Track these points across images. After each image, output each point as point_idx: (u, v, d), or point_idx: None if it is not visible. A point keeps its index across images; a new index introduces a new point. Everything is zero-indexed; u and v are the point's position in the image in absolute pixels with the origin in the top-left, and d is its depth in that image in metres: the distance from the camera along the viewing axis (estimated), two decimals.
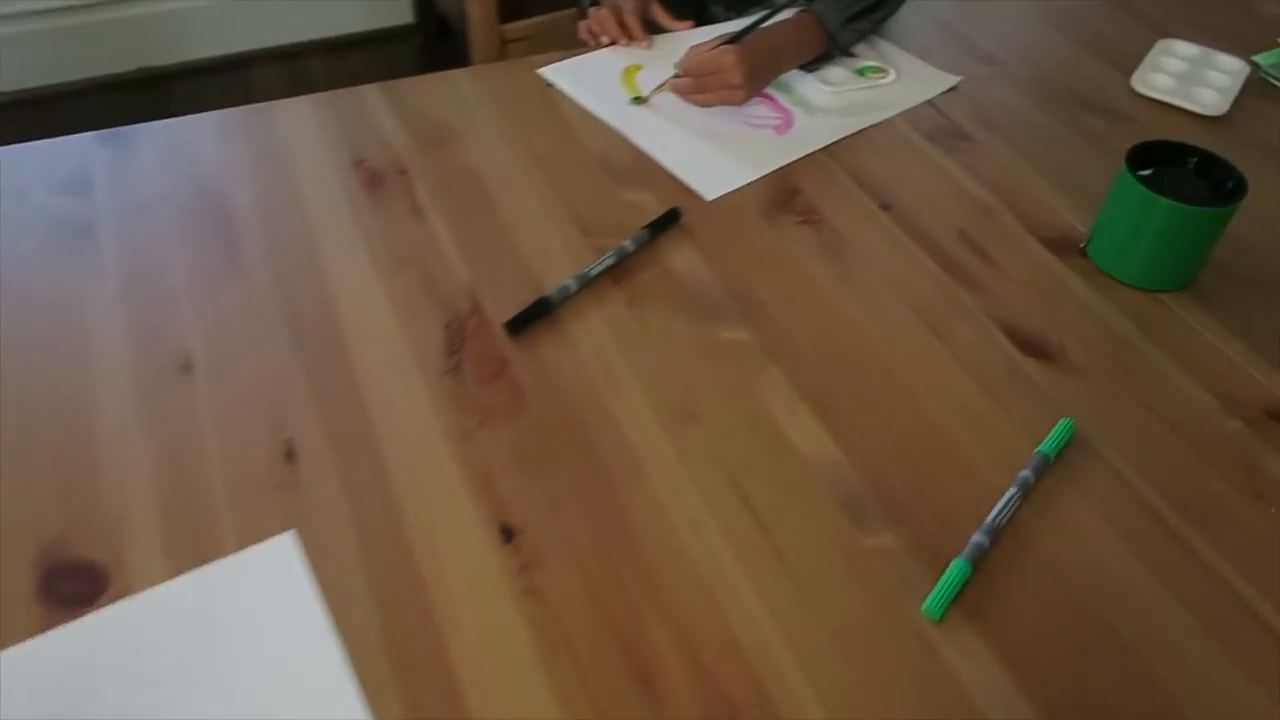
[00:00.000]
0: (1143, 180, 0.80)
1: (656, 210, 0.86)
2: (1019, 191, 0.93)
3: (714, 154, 0.95)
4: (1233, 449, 0.71)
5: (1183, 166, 0.84)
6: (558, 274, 0.80)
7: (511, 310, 0.76)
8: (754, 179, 0.92)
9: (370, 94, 0.99)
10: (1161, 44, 1.13)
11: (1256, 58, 1.12)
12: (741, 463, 0.67)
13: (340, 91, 0.98)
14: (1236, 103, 1.05)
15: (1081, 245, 0.86)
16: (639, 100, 1.01)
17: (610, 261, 0.80)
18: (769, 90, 1.04)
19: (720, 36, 0.98)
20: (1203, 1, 1.25)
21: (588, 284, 0.79)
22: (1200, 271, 0.83)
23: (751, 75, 0.96)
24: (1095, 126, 1.02)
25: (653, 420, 0.70)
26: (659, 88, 1.00)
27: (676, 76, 0.98)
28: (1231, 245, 0.83)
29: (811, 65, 1.05)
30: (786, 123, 1.00)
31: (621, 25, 1.08)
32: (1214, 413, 0.73)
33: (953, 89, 1.06)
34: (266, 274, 0.79)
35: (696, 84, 0.97)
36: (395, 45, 2.71)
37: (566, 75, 1.04)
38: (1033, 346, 0.77)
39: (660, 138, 0.96)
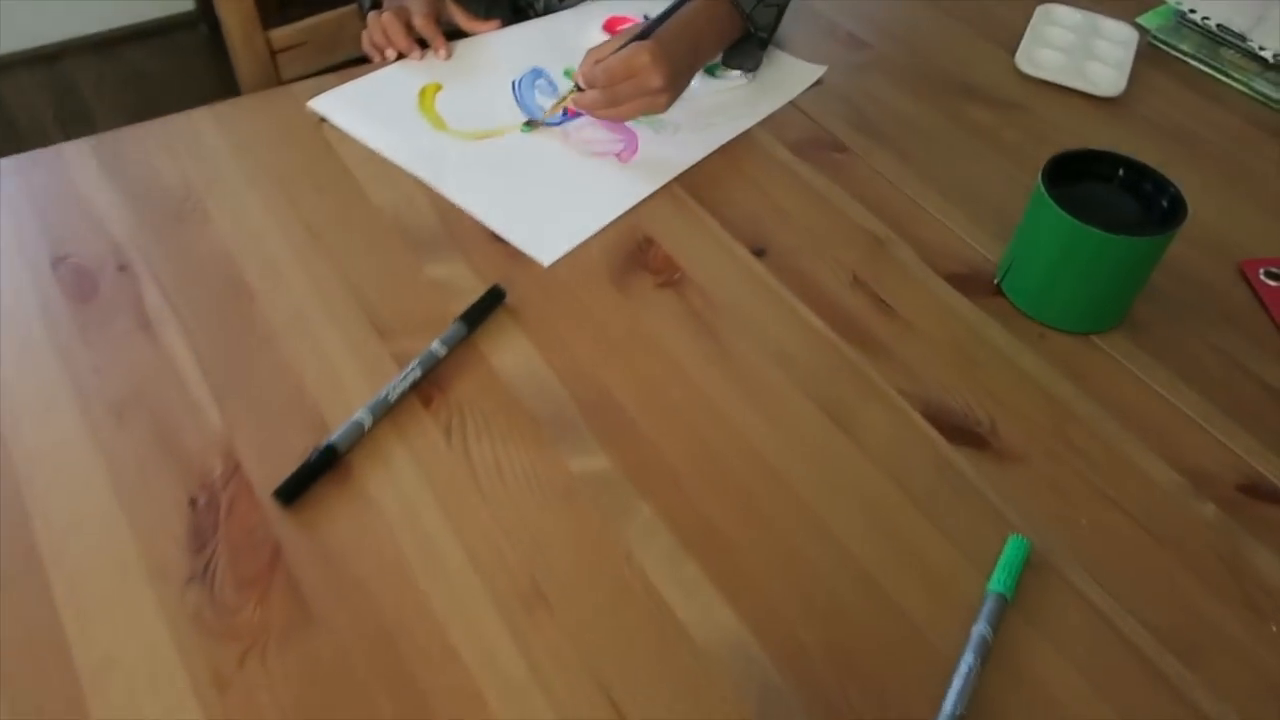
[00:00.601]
0: (1062, 200, 0.65)
1: (474, 289, 0.66)
2: (911, 213, 0.78)
3: (547, 199, 0.75)
4: (1211, 544, 0.57)
5: (1107, 180, 0.70)
6: (346, 402, 0.59)
7: (284, 467, 0.55)
8: (600, 229, 0.73)
9: (75, 154, 0.74)
10: (1041, 11, 0.99)
11: (1142, 20, 1.00)
12: (616, 665, 0.50)
13: (29, 155, 0.73)
14: (1133, 76, 0.92)
15: (995, 280, 0.72)
16: (531, 126, 0.81)
17: (415, 375, 0.60)
18: None
19: (623, 33, 0.78)
20: None
21: (387, 412, 0.59)
22: (1133, 304, 0.70)
23: (674, 75, 0.76)
24: (984, 120, 0.88)
25: (489, 613, 0.51)
26: (556, 105, 0.80)
27: (576, 89, 0.78)
28: (1159, 265, 0.69)
29: (728, 57, 0.87)
30: (631, 146, 0.81)
31: (411, 33, 0.86)
32: (1183, 496, 0.60)
33: (818, 83, 0.90)
34: None
35: (606, 95, 0.76)
36: (179, 37, 2.38)
37: (345, 106, 0.81)
38: (959, 431, 0.62)
39: (475, 183, 0.76)
